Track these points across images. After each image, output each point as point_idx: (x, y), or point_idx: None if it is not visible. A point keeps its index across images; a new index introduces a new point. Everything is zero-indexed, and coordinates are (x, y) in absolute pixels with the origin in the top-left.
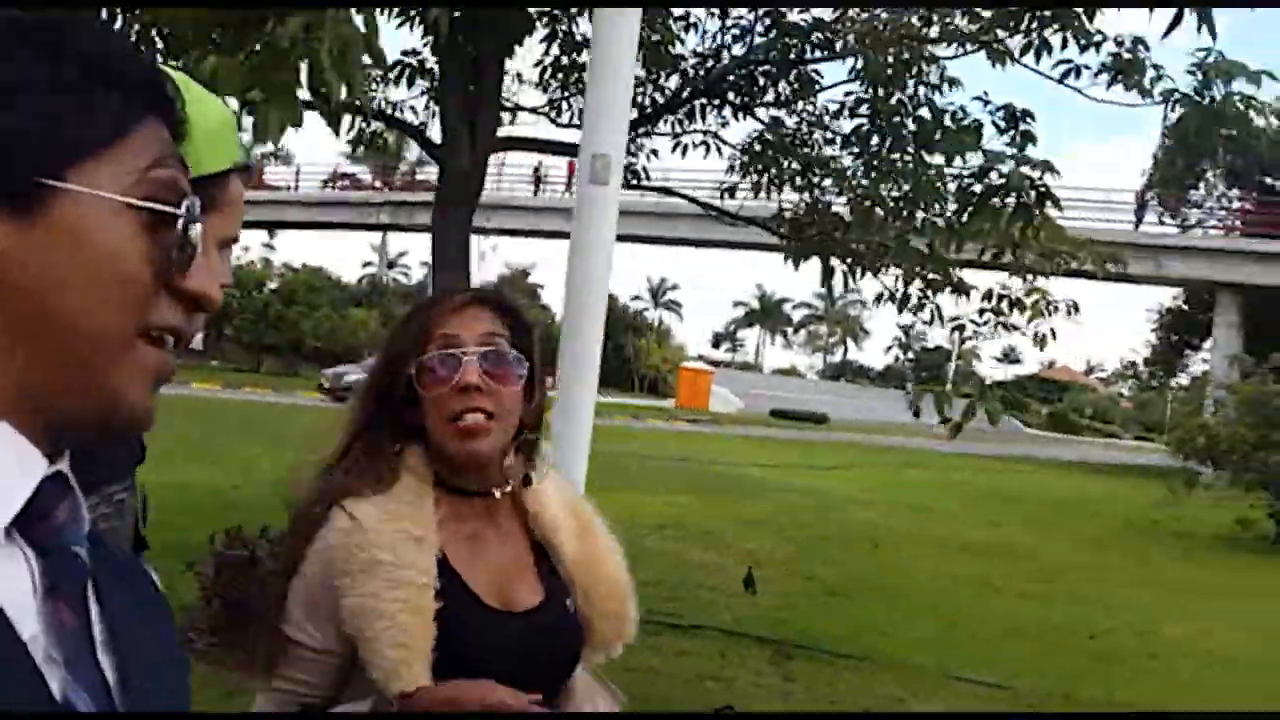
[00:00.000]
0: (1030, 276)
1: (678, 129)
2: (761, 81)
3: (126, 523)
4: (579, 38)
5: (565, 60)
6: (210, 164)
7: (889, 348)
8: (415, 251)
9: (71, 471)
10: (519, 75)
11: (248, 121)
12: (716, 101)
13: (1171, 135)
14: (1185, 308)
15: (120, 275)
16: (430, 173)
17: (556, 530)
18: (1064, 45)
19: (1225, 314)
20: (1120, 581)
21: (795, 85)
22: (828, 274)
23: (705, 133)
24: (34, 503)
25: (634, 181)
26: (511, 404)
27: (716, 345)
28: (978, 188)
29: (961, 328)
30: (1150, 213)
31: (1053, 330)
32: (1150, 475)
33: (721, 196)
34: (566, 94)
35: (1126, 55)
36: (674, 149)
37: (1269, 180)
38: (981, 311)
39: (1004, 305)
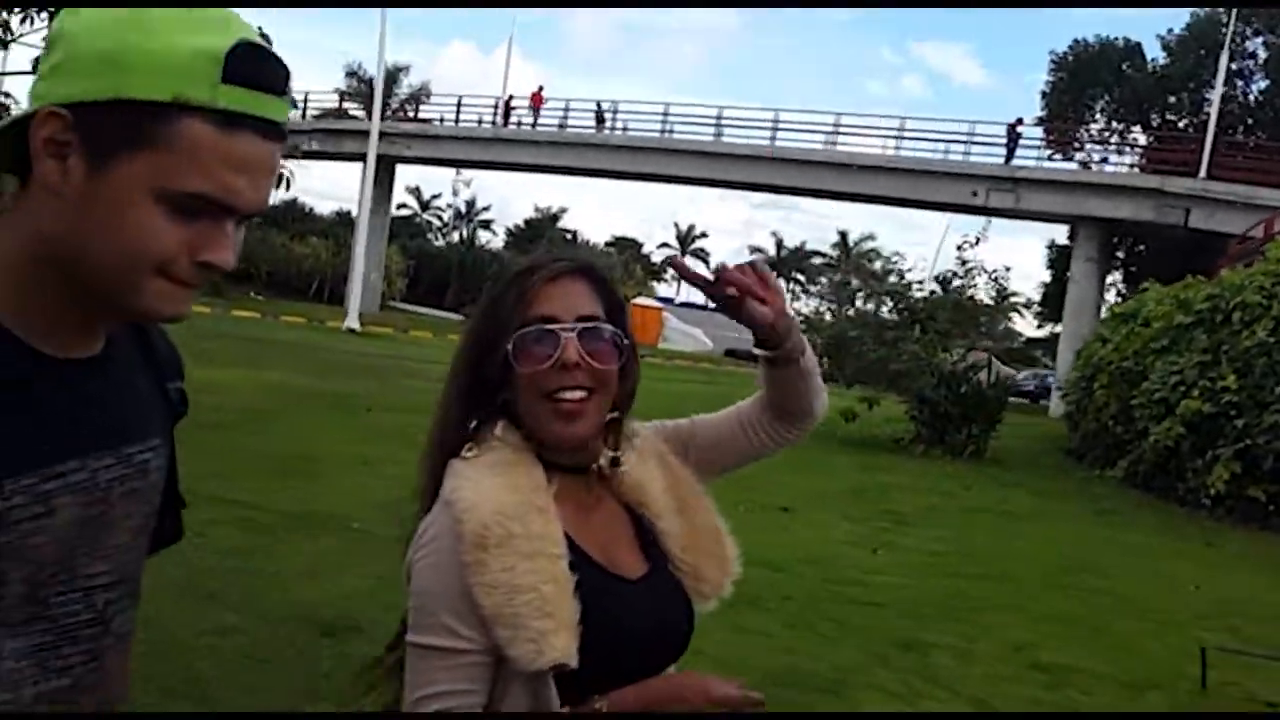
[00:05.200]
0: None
1: None
2: None
3: (150, 483)
4: None
5: None
6: (139, 88)
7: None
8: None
9: (82, 432)
10: None
11: None
12: None
13: (1061, 68)
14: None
15: None
16: None
17: (646, 492)
18: None
19: (1083, 248)
20: None
21: None
22: None
23: None
24: None
25: None
26: (609, 382)
27: None
28: None
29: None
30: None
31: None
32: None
33: None
34: None
35: None
36: None
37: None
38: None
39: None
